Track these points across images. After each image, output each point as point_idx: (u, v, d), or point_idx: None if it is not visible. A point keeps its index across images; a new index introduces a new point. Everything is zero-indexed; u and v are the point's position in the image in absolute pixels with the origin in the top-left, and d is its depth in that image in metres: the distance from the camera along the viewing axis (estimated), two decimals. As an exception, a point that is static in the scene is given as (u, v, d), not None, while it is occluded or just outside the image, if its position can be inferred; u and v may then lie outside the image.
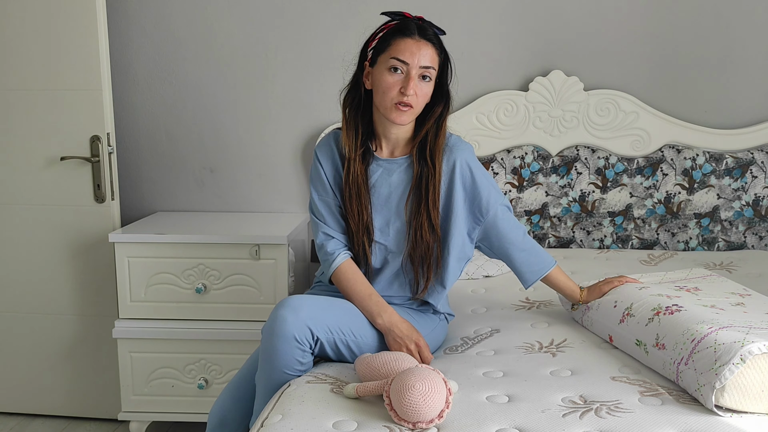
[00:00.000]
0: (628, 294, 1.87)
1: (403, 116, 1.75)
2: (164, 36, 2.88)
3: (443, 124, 1.82)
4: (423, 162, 1.80)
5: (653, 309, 1.73)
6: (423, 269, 1.82)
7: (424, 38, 1.74)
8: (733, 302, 1.81)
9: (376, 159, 1.85)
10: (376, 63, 1.77)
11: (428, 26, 1.78)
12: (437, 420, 1.40)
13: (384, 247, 1.86)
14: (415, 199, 1.80)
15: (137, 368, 2.56)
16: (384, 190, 1.84)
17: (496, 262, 2.51)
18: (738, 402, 1.45)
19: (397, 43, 1.74)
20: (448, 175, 1.82)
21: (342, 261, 1.83)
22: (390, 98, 1.74)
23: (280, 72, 2.88)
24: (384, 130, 1.83)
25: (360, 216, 1.82)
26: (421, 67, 1.73)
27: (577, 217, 2.78)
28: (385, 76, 1.74)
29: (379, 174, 1.84)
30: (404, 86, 1.72)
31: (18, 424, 2.83)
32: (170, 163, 2.97)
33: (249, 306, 2.52)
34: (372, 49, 1.80)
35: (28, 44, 2.61)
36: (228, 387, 1.87)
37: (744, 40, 2.72)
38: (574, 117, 2.74)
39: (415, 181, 1.80)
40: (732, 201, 2.72)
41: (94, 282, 2.72)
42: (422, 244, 1.80)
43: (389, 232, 1.84)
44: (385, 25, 1.80)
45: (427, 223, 1.79)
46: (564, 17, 2.76)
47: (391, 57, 1.73)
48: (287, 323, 1.62)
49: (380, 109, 1.78)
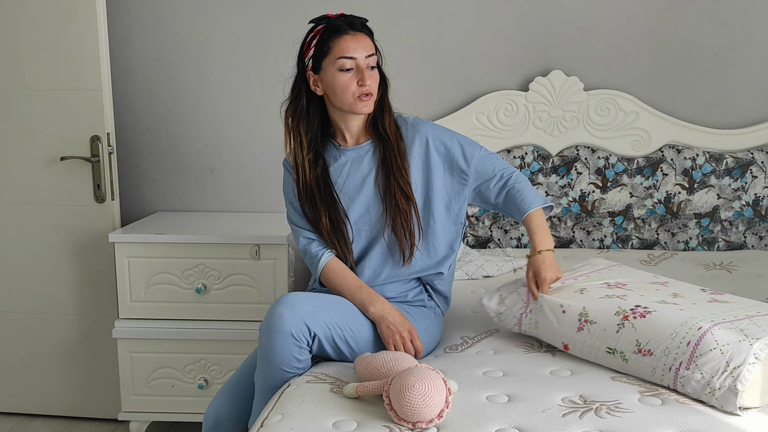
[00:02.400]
0: (571, 296, 1.79)
1: (368, 105, 1.84)
2: (164, 36, 2.88)
3: (386, 102, 1.91)
4: (381, 139, 1.88)
5: (617, 313, 1.68)
6: (406, 236, 1.86)
7: (357, 31, 1.83)
8: (669, 293, 1.77)
9: (343, 151, 1.91)
10: (321, 69, 1.84)
11: (353, 18, 1.85)
12: (437, 420, 1.41)
13: (368, 233, 1.90)
14: (384, 173, 1.87)
15: (137, 368, 2.56)
16: (356, 179, 1.90)
17: (496, 263, 2.51)
18: (750, 399, 1.45)
19: (337, 43, 1.81)
20: (422, 150, 1.90)
21: (327, 259, 1.87)
22: (351, 94, 1.81)
23: (280, 72, 2.86)
24: (345, 124, 1.91)
25: (319, 221, 1.86)
26: (367, 56, 1.82)
27: (577, 217, 2.78)
28: (338, 77, 1.81)
29: (349, 165, 1.90)
30: (360, 79, 1.80)
31: (18, 424, 2.83)
32: (170, 163, 2.97)
33: (249, 306, 2.52)
34: (311, 58, 1.86)
35: (28, 44, 2.61)
36: (224, 387, 1.88)
37: (744, 40, 2.72)
38: (574, 117, 2.74)
39: (381, 156, 1.88)
40: (732, 201, 2.72)
41: (94, 282, 2.72)
42: (399, 213, 1.85)
43: (371, 217, 1.89)
44: (314, 32, 1.87)
45: (399, 192, 1.85)
46: (564, 17, 2.76)
47: (338, 58, 1.80)
48: (284, 320, 1.63)
49: (343, 107, 1.85)
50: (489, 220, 2.80)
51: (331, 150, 1.91)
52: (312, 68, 1.86)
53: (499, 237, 2.81)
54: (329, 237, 1.87)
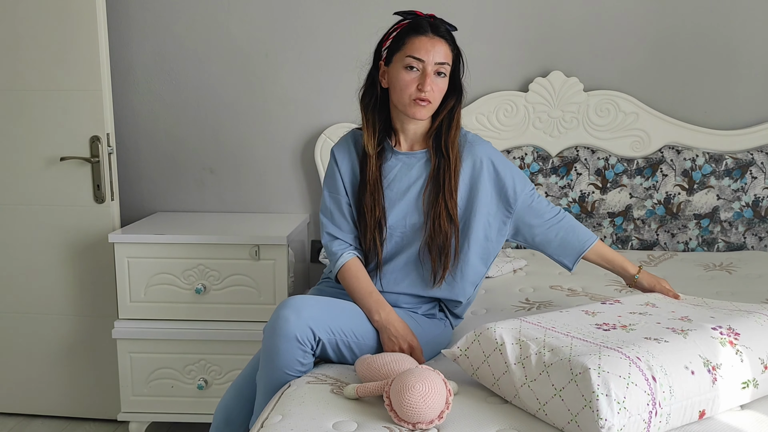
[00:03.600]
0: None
1: (422, 111, 1.80)
2: (164, 36, 2.88)
3: (456, 116, 1.86)
4: (439, 154, 1.85)
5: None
6: (441, 259, 1.84)
7: (437, 35, 1.79)
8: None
9: (396, 153, 1.89)
10: (392, 62, 1.82)
11: (440, 23, 1.82)
12: (437, 421, 1.40)
13: (399, 241, 1.88)
14: (433, 190, 1.84)
15: (137, 369, 2.56)
16: (402, 184, 1.87)
17: (496, 264, 2.51)
18: None
19: (411, 41, 1.78)
20: (471, 170, 1.87)
21: (347, 260, 1.86)
22: (408, 95, 1.78)
23: (280, 72, 2.88)
24: (402, 126, 1.88)
25: (373, 212, 1.85)
26: (436, 63, 1.78)
27: (577, 217, 2.78)
28: (401, 74, 1.78)
29: (399, 168, 1.88)
30: (421, 83, 1.77)
31: (17, 424, 2.83)
32: (170, 163, 2.97)
33: (248, 306, 2.52)
34: (386, 49, 1.84)
35: (28, 44, 2.61)
36: (233, 386, 1.88)
37: (744, 41, 2.72)
38: (573, 118, 2.74)
39: (433, 172, 1.84)
40: (732, 202, 2.72)
41: (93, 282, 2.72)
42: (440, 234, 1.83)
43: (405, 225, 1.87)
44: (398, 25, 1.84)
45: (445, 213, 1.82)
46: (564, 18, 2.76)
47: (407, 55, 1.77)
48: (289, 323, 1.63)
49: (398, 106, 1.83)
50: (489, 221, 2.80)
51: (387, 149, 1.89)
52: (385, 59, 1.84)
53: (498, 237, 2.81)
54: (370, 232, 1.85)
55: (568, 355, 1.38)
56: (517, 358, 1.46)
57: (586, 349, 1.39)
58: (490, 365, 1.51)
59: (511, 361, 1.46)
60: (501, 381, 1.48)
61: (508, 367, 1.46)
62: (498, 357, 1.49)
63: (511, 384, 1.45)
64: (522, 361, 1.44)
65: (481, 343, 1.54)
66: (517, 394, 1.44)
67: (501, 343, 1.49)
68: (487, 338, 1.53)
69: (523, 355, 1.45)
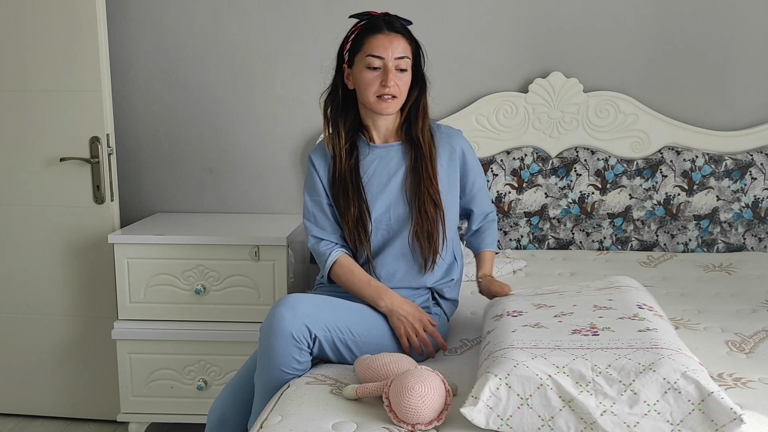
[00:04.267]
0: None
1: (390, 107, 1.86)
2: (164, 36, 2.88)
3: (422, 106, 1.93)
4: (413, 143, 1.91)
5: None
6: (429, 244, 1.88)
7: (393, 31, 1.85)
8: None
9: (372, 148, 1.93)
10: (354, 63, 1.88)
11: (395, 19, 1.88)
12: (437, 422, 1.40)
13: (386, 233, 1.91)
14: (414, 179, 1.89)
15: (136, 369, 2.56)
16: (383, 177, 1.92)
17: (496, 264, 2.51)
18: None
19: (369, 41, 1.84)
20: (449, 158, 1.95)
21: (336, 257, 1.89)
22: (373, 92, 1.84)
23: (280, 72, 2.88)
24: (373, 123, 1.94)
25: (348, 211, 1.89)
26: (396, 58, 1.83)
27: (576, 218, 2.78)
28: (364, 73, 1.84)
29: (377, 162, 1.92)
30: (384, 79, 1.83)
31: (17, 425, 2.82)
32: (170, 164, 2.97)
33: (248, 307, 2.52)
34: (348, 52, 1.90)
35: (28, 45, 2.61)
36: (228, 386, 1.88)
37: (743, 42, 2.72)
38: (573, 118, 2.74)
39: (411, 162, 1.90)
40: (731, 203, 2.72)
41: (93, 283, 2.72)
42: (427, 221, 1.88)
43: (390, 217, 1.91)
44: (355, 27, 1.90)
45: (429, 200, 1.88)
46: (563, 19, 2.76)
47: (367, 55, 1.83)
48: (285, 321, 1.63)
49: (366, 105, 1.89)
50: (488, 222, 2.80)
51: (362, 145, 1.94)
52: (347, 62, 1.90)
53: (498, 238, 2.81)
54: (354, 228, 1.89)
55: (644, 365, 1.35)
56: (578, 386, 1.33)
57: (639, 355, 1.38)
58: (533, 407, 1.35)
59: (575, 393, 1.33)
60: (559, 417, 1.33)
61: (573, 399, 1.33)
62: (548, 394, 1.34)
63: (578, 417, 1.32)
64: (586, 387, 1.33)
65: (513, 386, 1.35)
66: (595, 422, 1.31)
67: (547, 377, 1.35)
68: (523, 378, 1.35)
69: (585, 381, 1.34)
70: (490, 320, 1.73)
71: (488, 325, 1.71)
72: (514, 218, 2.80)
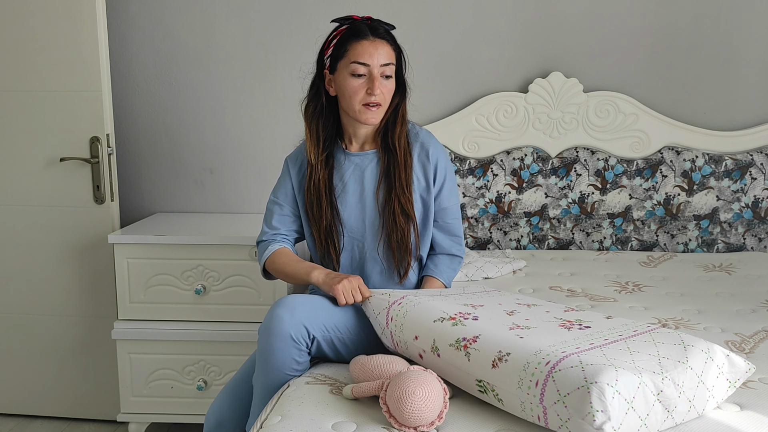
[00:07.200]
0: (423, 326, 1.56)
1: (374, 116, 1.82)
2: (164, 36, 2.88)
3: (401, 113, 1.88)
4: (388, 151, 1.86)
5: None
6: (401, 253, 1.86)
7: (377, 37, 1.80)
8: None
9: (348, 155, 1.90)
10: (336, 69, 1.83)
11: (378, 24, 1.83)
12: (437, 422, 1.40)
13: (360, 243, 1.90)
14: (385, 187, 1.86)
15: (136, 369, 2.56)
16: (357, 185, 1.89)
17: (495, 264, 2.51)
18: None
19: (354, 47, 1.79)
20: (426, 166, 1.88)
21: (276, 248, 1.89)
22: (358, 101, 1.80)
23: (280, 72, 2.88)
24: (354, 130, 1.90)
25: (319, 221, 1.87)
26: (382, 65, 1.79)
27: (576, 218, 2.78)
28: (349, 81, 1.79)
29: (351, 170, 1.90)
30: (370, 87, 1.78)
31: (17, 425, 2.82)
32: (170, 164, 2.97)
33: (248, 307, 2.52)
34: (329, 57, 1.84)
35: (28, 45, 2.61)
36: (225, 389, 1.87)
37: (743, 42, 2.72)
38: (573, 119, 2.74)
39: (383, 169, 1.86)
40: (731, 203, 2.72)
41: (93, 283, 2.72)
42: (397, 231, 1.84)
43: (365, 225, 1.88)
44: (336, 31, 1.84)
45: (399, 209, 1.84)
46: (563, 19, 2.76)
47: (352, 61, 1.78)
48: (283, 322, 1.63)
49: (349, 113, 1.84)
50: (488, 222, 2.80)
51: (339, 152, 1.91)
52: (329, 68, 1.85)
53: (498, 238, 2.81)
54: (323, 239, 1.88)
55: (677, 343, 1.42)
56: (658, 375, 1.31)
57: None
58: (636, 408, 1.26)
59: (660, 384, 1.30)
60: (653, 413, 1.29)
61: (662, 391, 1.30)
62: (645, 392, 1.28)
63: (664, 407, 1.30)
64: (664, 375, 1.31)
65: (622, 392, 1.25)
66: (675, 408, 1.31)
67: (659, 391, 1.29)
68: (627, 381, 1.26)
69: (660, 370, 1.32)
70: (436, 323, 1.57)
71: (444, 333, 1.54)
72: (514, 218, 2.80)
